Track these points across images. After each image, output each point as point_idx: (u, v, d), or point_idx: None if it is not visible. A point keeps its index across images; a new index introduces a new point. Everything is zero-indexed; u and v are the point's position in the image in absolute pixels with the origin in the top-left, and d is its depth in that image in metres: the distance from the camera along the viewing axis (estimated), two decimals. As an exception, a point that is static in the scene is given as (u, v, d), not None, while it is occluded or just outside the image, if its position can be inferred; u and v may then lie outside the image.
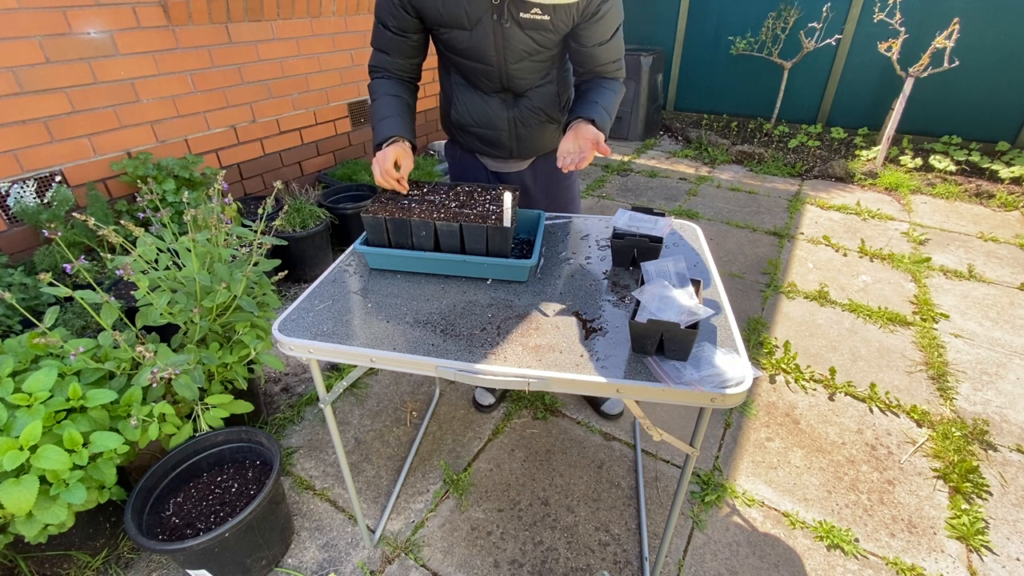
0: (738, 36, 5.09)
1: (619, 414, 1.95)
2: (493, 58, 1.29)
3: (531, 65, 1.33)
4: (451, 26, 1.26)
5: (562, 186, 1.65)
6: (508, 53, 1.28)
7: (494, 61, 1.30)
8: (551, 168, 1.59)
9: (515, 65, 1.31)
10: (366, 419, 1.96)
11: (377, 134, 1.32)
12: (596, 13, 1.24)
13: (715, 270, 1.26)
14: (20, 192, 2.07)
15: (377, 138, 1.32)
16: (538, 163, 1.59)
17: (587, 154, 1.21)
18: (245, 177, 2.95)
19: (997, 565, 1.48)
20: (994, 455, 1.81)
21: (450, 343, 1.01)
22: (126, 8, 2.23)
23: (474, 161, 1.61)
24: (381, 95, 1.37)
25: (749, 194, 4.03)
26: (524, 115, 1.44)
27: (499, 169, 1.59)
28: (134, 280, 1.33)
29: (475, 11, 1.21)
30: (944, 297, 2.69)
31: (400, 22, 1.29)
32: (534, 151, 1.55)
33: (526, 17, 1.21)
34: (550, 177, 1.61)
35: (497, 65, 1.31)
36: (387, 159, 1.26)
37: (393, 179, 1.27)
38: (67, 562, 1.38)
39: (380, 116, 1.34)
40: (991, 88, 4.29)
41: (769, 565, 1.47)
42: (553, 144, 1.55)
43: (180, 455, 1.43)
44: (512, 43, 1.26)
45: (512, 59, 1.30)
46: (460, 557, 1.49)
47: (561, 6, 1.20)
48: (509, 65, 1.31)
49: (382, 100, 1.36)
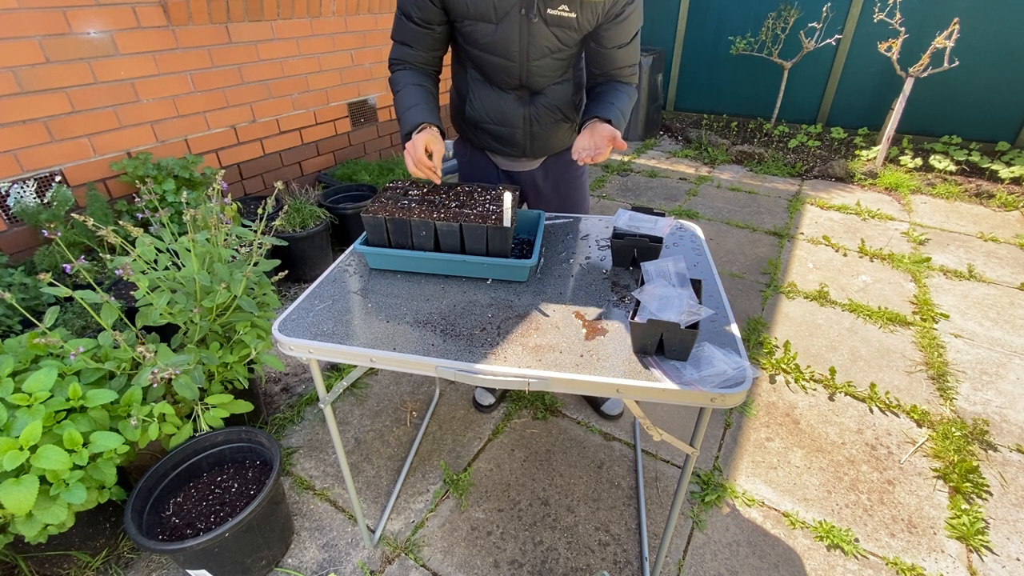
0: (738, 36, 5.09)
1: (619, 414, 1.95)
2: (516, 53, 1.29)
3: (551, 63, 1.33)
4: (477, 19, 1.26)
5: (573, 186, 1.65)
6: (531, 49, 1.28)
7: (516, 57, 1.30)
8: (562, 167, 1.59)
9: (536, 62, 1.31)
10: (366, 419, 1.96)
11: (405, 123, 1.30)
12: (620, 15, 1.25)
13: (715, 270, 1.26)
14: (20, 192, 2.07)
15: (405, 127, 1.30)
16: (549, 162, 1.59)
17: (603, 149, 1.21)
18: (245, 177, 2.95)
19: (997, 565, 1.48)
20: (994, 455, 1.81)
21: (450, 343, 1.01)
22: (126, 8, 2.23)
23: (485, 160, 1.60)
24: (405, 86, 1.35)
25: (749, 194, 4.03)
26: (540, 113, 1.43)
27: (510, 168, 1.59)
28: (134, 280, 1.33)
29: (503, 5, 1.21)
30: (944, 297, 2.69)
31: (425, 13, 1.29)
32: (546, 150, 1.54)
33: (553, 13, 1.22)
34: (561, 176, 1.61)
35: (519, 61, 1.31)
36: (417, 148, 1.23)
37: (427, 168, 1.24)
38: (67, 562, 1.38)
39: (406, 106, 1.32)
40: (991, 88, 4.29)
41: (769, 565, 1.47)
42: (565, 144, 1.56)
43: (180, 455, 1.43)
44: (536, 39, 1.26)
45: (534, 55, 1.30)
46: (460, 557, 1.48)
47: (588, 4, 1.21)
48: (531, 62, 1.31)
49: (406, 90, 1.34)
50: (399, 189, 1.35)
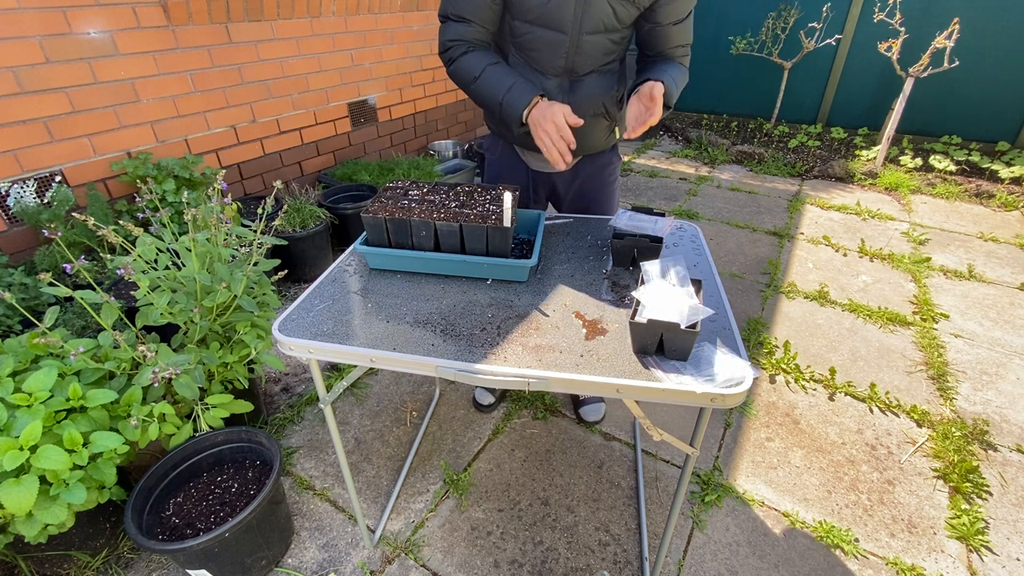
0: (738, 36, 5.09)
1: (598, 421, 1.92)
2: (569, 25, 1.25)
3: (603, 42, 1.30)
4: None
5: (605, 191, 1.61)
6: (585, 20, 1.25)
7: (568, 29, 1.26)
8: (596, 170, 1.56)
9: (589, 36, 1.28)
10: (366, 419, 1.96)
11: (515, 102, 1.23)
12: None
13: (715, 270, 1.26)
14: (20, 192, 2.07)
15: (518, 106, 1.23)
16: (582, 164, 1.56)
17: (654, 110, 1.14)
18: (245, 177, 2.94)
19: (997, 565, 1.48)
20: (994, 455, 1.81)
21: (450, 343, 1.01)
22: (126, 8, 2.23)
23: (515, 159, 1.57)
24: (484, 66, 1.27)
25: (749, 194, 4.03)
26: (580, 103, 1.39)
27: (542, 168, 1.56)
28: (135, 280, 1.33)
29: None
30: (944, 297, 2.69)
31: None
32: (581, 149, 1.50)
33: None
34: (592, 180, 1.58)
35: (571, 34, 1.27)
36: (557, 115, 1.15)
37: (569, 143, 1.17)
38: (67, 562, 1.38)
39: (504, 85, 1.24)
40: (991, 88, 4.29)
41: (769, 565, 1.47)
42: (600, 145, 1.52)
43: (180, 455, 1.43)
44: (592, 10, 1.23)
45: (588, 27, 1.26)
46: (460, 557, 1.48)
47: None
48: (583, 35, 1.27)
49: (491, 71, 1.26)
50: (399, 189, 1.35)
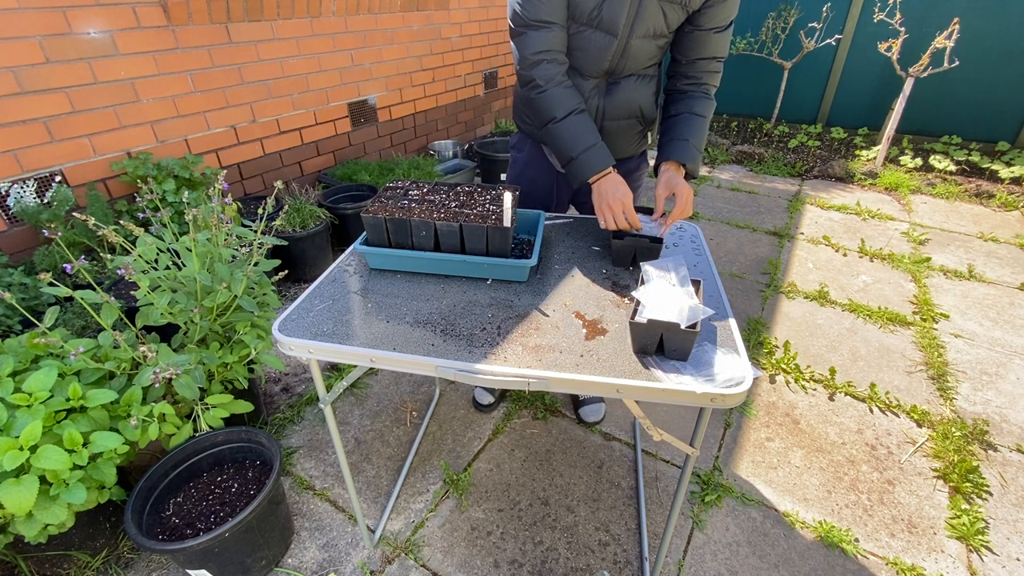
0: (738, 36, 5.09)
1: (598, 422, 1.93)
2: (621, 28, 1.26)
3: (649, 47, 1.32)
4: None
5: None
6: (637, 25, 1.26)
7: (620, 31, 1.27)
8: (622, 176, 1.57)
9: (637, 40, 1.29)
10: (366, 419, 1.96)
11: (590, 164, 1.27)
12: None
13: (715, 270, 1.26)
14: (20, 192, 2.07)
15: (591, 170, 1.27)
16: None
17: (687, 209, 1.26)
18: (245, 177, 2.94)
19: (997, 565, 1.48)
20: (994, 455, 1.81)
21: (450, 343, 1.01)
22: (126, 8, 2.23)
23: (542, 159, 1.57)
24: (570, 111, 1.28)
25: (749, 194, 4.03)
26: (615, 106, 1.40)
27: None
28: (135, 280, 1.33)
29: None
30: (944, 297, 2.69)
31: None
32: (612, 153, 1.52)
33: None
34: None
35: (621, 37, 1.28)
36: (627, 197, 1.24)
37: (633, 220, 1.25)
38: (67, 562, 1.38)
39: (585, 142, 1.27)
40: (991, 88, 4.29)
41: (769, 565, 1.47)
42: (630, 151, 1.54)
43: (180, 455, 1.43)
44: (644, 14, 1.25)
45: (638, 32, 1.28)
46: (460, 557, 1.48)
47: None
48: (633, 39, 1.29)
49: (574, 120, 1.28)
50: (399, 189, 1.35)
